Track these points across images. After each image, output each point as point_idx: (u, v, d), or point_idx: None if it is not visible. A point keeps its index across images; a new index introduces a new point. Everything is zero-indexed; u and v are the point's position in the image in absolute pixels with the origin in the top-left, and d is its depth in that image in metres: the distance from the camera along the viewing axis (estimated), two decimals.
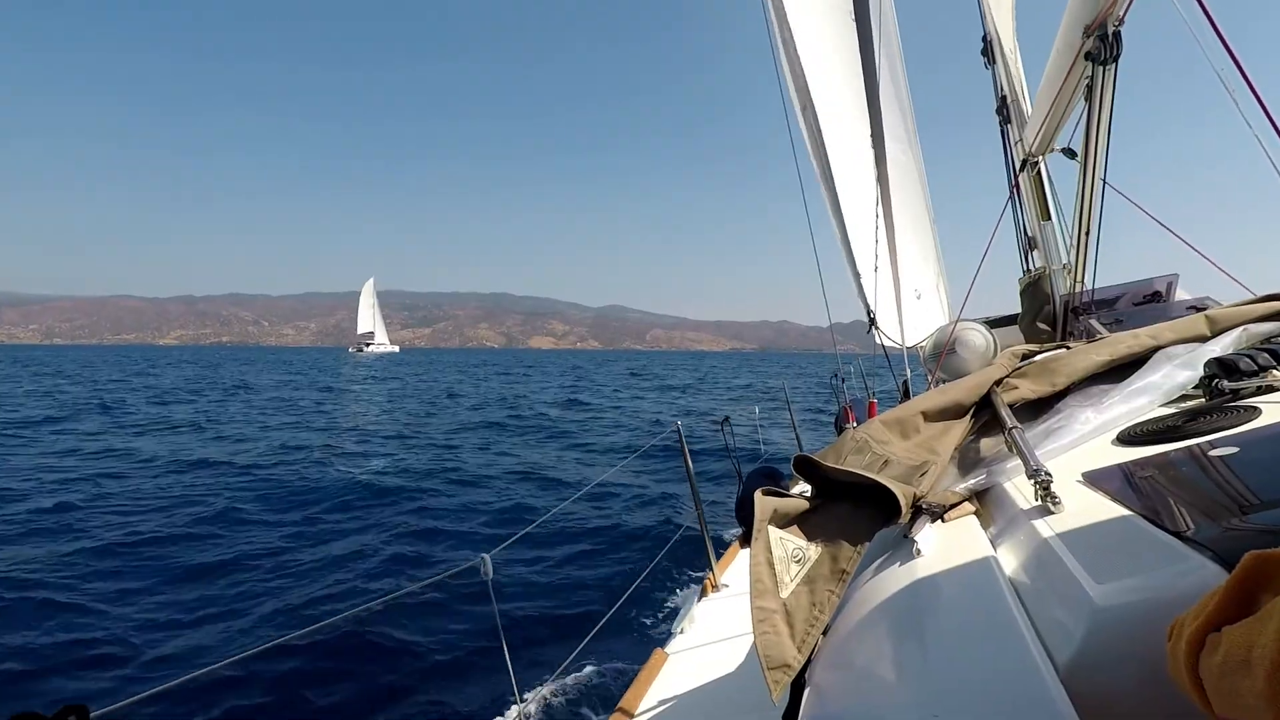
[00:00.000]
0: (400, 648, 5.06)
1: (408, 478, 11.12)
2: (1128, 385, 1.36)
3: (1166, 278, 3.66)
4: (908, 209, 5.88)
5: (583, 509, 8.62)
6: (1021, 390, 1.50)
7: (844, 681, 0.88)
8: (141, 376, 41.88)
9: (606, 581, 6.42)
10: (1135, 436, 1.15)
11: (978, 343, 3.72)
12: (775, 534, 1.08)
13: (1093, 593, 0.68)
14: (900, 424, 1.40)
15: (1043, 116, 3.43)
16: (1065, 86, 3.02)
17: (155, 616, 5.55)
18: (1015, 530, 0.95)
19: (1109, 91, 2.73)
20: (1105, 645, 0.65)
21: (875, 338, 5.55)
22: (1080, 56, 2.72)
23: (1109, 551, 0.75)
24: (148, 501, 9.24)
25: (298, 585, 6.24)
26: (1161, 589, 0.65)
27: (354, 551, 7.21)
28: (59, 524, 8.08)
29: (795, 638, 0.94)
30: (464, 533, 8.22)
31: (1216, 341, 1.51)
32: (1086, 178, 3.08)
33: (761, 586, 1.01)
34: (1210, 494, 0.86)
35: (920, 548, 0.99)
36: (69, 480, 10.49)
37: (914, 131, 6.16)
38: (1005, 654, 0.70)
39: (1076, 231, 3.37)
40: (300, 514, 8.80)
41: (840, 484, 1.15)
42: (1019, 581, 0.85)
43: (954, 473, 1.29)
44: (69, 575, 6.36)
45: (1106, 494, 0.91)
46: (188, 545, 7.35)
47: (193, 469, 11.71)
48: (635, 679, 2.69)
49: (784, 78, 5.09)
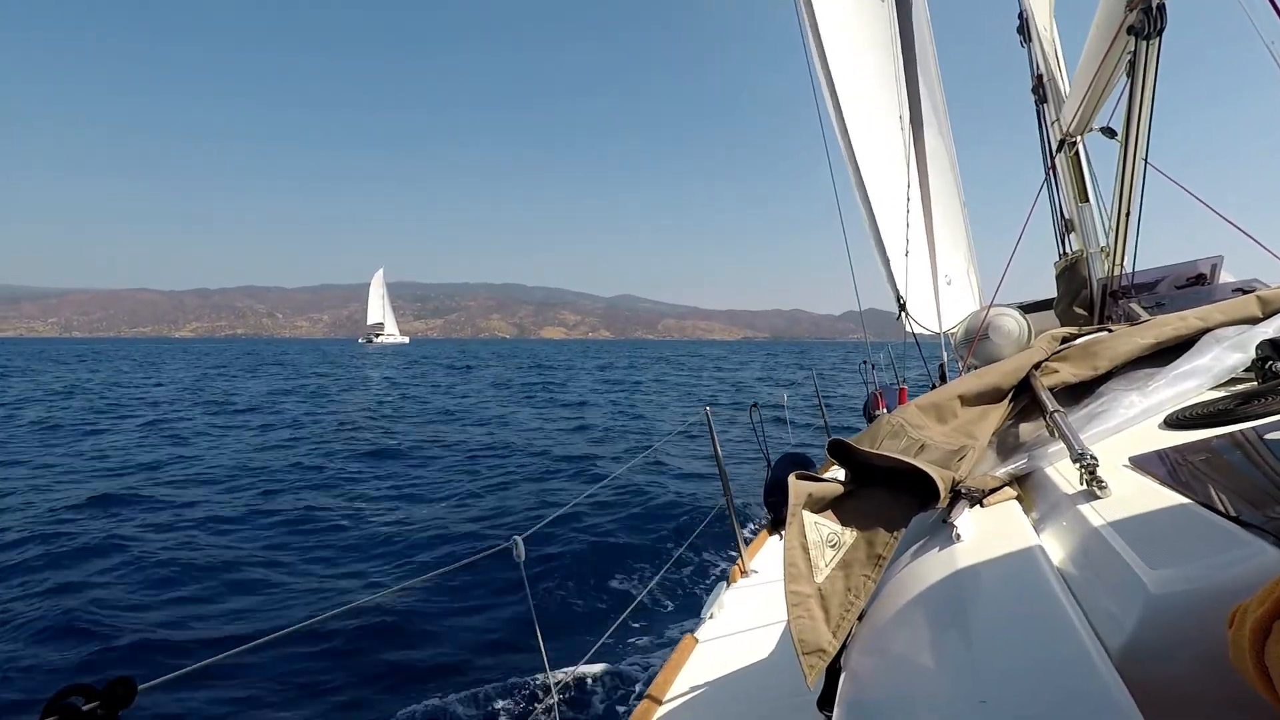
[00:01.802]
0: (434, 629, 5.17)
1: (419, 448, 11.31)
2: (1175, 368, 1.32)
3: (1211, 259, 3.54)
4: (939, 194, 5.79)
5: (612, 494, 8.69)
6: (1062, 374, 1.46)
7: (882, 668, 0.87)
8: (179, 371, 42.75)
9: (636, 565, 6.48)
10: (1184, 420, 1.11)
11: (1011, 328, 3.65)
12: (810, 518, 1.06)
13: (1146, 579, 0.66)
14: (937, 408, 1.37)
15: (1081, 94, 3.34)
16: (1106, 63, 2.93)
17: (187, 607, 5.72)
18: (1060, 516, 0.93)
19: (1152, 67, 2.64)
20: (1160, 633, 0.63)
21: (905, 324, 5.47)
22: (1122, 31, 2.64)
23: (1161, 537, 0.73)
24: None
25: (342, 562, 6.40)
26: (1219, 575, 0.63)
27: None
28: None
29: (830, 623, 0.93)
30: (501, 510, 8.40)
31: (1269, 323, 1.45)
32: (1127, 157, 3.00)
33: (796, 571, 1.00)
34: (1266, 479, 0.83)
35: (960, 533, 0.97)
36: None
37: (945, 116, 6.05)
38: (1056, 642, 0.68)
39: (1116, 213, 3.28)
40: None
41: (876, 469, 1.13)
42: (1065, 568, 0.83)
43: (993, 457, 1.26)
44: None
45: (1155, 479, 0.88)
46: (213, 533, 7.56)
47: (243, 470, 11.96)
48: (665, 664, 2.70)
49: (813, 65, 5.02)
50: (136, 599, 5.66)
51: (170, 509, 8.44)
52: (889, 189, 5.16)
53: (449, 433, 15.42)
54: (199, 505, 8.65)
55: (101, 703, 0.91)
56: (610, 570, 6.39)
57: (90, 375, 35.93)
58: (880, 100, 5.21)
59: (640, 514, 8.23)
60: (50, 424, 16.26)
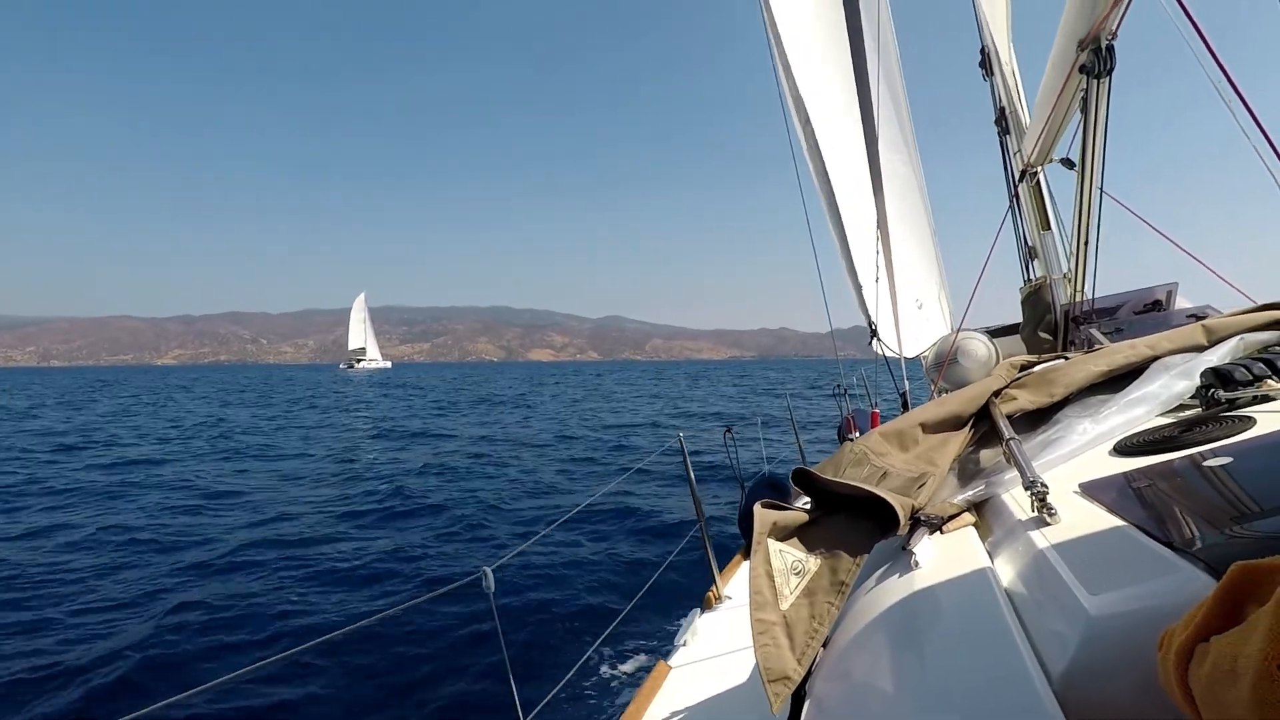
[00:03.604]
0: (400, 661, 5.07)
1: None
2: (1125, 395, 1.37)
3: (1166, 286, 3.67)
4: (908, 220, 5.90)
5: (586, 521, 8.63)
6: (1020, 401, 1.50)
7: (843, 693, 0.89)
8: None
9: (610, 592, 6.42)
10: (1132, 447, 1.15)
11: (980, 352, 3.73)
12: (775, 546, 1.08)
13: (1086, 603, 0.69)
14: (899, 436, 1.41)
15: (1040, 128, 3.46)
16: (1061, 99, 3.04)
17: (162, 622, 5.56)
18: (1012, 541, 0.96)
19: (1104, 103, 2.75)
20: (1099, 655, 0.66)
21: (877, 348, 5.56)
22: (1075, 70, 2.74)
23: (1103, 562, 0.76)
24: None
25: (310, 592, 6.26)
26: (1154, 599, 0.66)
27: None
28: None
29: (795, 650, 0.95)
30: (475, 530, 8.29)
31: (1213, 351, 1.51)
32: (1084, 187, 3.10)
33: (761, 599, 1.02)
34: (1205, 504, 0.86)
35: (918, 559, 1.00)
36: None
37: (913, 143, 6.19)
38: (999, 664, 0.70)
39: (1076, 241, 3.38)
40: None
41: (839, 496, 1.16)
42: (1015, 592, 0.86)
43: (953, 484, 1.30)
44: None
45: (1102, 505, 0.92)
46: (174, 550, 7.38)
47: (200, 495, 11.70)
48: (638, 692, 2.69)
49: (782, 89, 5.13)
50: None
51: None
52: (858, 215, 5.26)
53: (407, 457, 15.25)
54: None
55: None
56: (583, 597, 6.33)
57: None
58: (850, 126, 5.32)
59: (615, 538, 8.17)
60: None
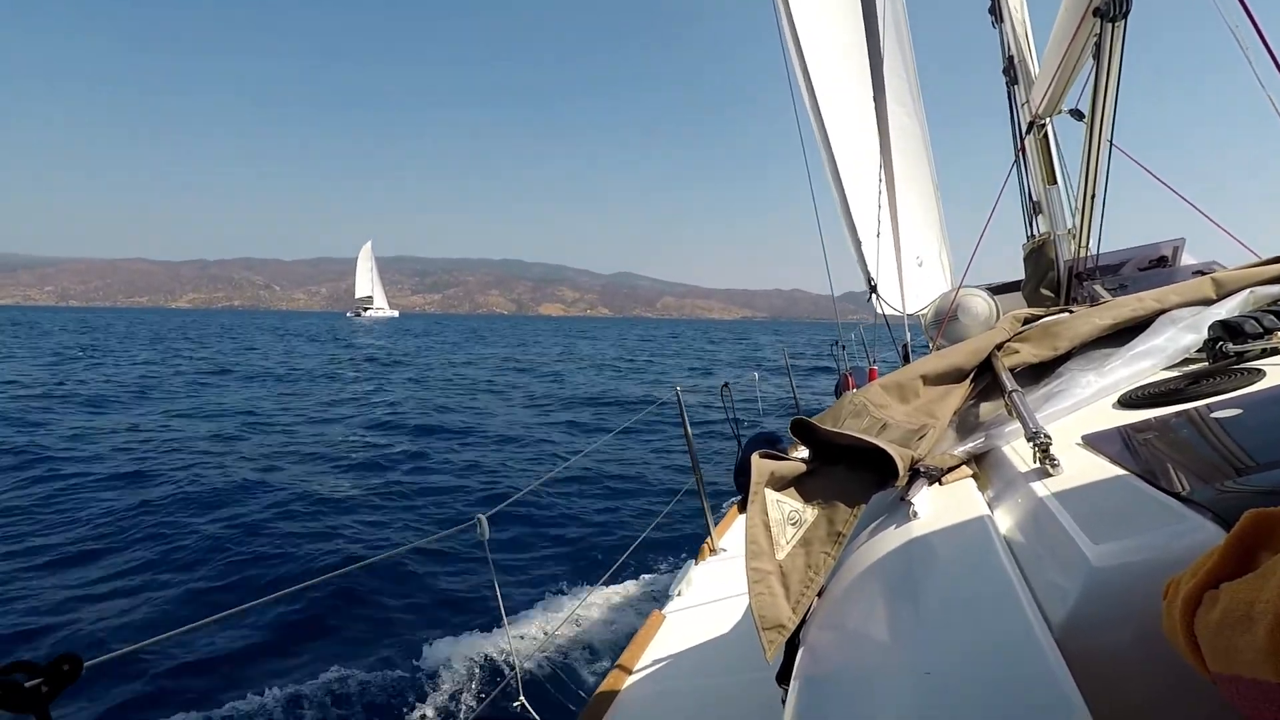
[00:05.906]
0: (397, 605, 5.19)
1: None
2: (1130, 349, 1.34)
3: (1173, 242, 3.62)
4: (910, 174, 5.80)
5: (582, 472, 8.72)
6: (1023, 354, 1.48)
7: (837, 642, 0.89)
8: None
9: (604, 543, 6.52)
10: (1136, 400, 1.13)
11: (980, 309, 3.70)
12: (772, 496, 1.07)
13: (1089, 553, 0.67)
14: (899, 388, 1.39)
15: (1050, 76, 3.36)
16: (1073, 45, 2.94)
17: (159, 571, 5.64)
18: (1013, 492, 0.94)
19: (1118, 49, 2.66)
20: (1101, 605, 0.64)
21: (875, 305, 5.52)
22: (1089, 13, 2.65)
23: (1106, 513, 0.74)
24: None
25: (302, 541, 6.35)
26: (1159, 549, 0.64)
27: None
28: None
29: (790, 599, 0.95)
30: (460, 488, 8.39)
31: (1222, 304, 1.48)
32: (1093, 140, 3.03)
33: (757, 548, 1.01)
34: (1210, 456, 0.85)
35: (916, 510, 0.99)
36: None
37: (918, 96, 6.04)
38: (999, 615, 0.69)
39: (1082, 196, 3.32)
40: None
41: (838, 447, 1.14)
42: (1015, 543, 0.85)
43: (953, 436, 1.28)
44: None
45: (1105, 456, 0.90)
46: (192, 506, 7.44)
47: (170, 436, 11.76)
48: (633, 639, 2.74)
49: (785, 40, 4.99)
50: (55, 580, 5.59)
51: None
52: (858, 170, 5.17)
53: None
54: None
55: (45, 679, 0.88)
56: (578, 548, 6.43)
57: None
58: (853, 80, 5.20)
59: (610, 492, 8.27)
60: None
